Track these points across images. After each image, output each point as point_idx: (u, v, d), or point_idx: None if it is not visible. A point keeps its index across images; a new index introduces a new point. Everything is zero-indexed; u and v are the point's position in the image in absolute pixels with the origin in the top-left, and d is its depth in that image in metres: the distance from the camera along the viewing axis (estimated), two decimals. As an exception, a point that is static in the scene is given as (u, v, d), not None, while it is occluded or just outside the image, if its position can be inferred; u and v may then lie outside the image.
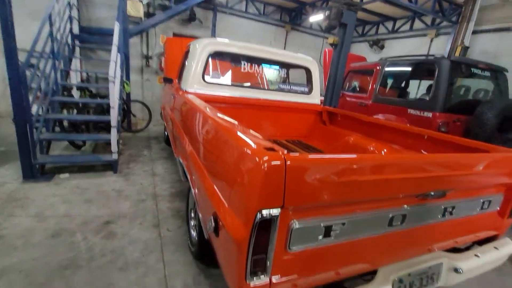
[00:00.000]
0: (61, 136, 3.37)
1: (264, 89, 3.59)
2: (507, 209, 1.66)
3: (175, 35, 6.47)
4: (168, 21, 6.02)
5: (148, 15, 5.51)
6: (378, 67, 4.41)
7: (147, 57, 6.27)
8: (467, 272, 1.42)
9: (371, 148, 2.60)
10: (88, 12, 5.62)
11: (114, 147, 3.24)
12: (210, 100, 2.84)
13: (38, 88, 3.26)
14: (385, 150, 2.52)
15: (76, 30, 5.02)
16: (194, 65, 2.81)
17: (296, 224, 0.94)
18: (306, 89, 3.49)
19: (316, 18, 6.42)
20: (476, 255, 1.50)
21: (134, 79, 6.07)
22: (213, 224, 1.11)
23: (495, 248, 1.60)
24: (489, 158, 1.47)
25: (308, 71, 3.43)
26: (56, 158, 3.16)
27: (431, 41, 6.22)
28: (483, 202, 1.52)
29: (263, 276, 0.91)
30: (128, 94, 5.20)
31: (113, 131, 3.20)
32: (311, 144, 3.30)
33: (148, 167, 3.72)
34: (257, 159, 0.88)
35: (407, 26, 6.83)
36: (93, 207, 2.55)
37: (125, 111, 5.12)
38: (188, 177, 1.94)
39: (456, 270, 1.40)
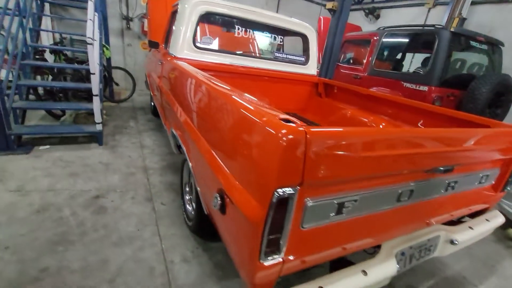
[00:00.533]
0: (37, 104, 3.08)
1: (258, 57, 3.39)
2: (501, 183, 1.70)
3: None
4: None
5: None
6: (375, 38, 4.24)
7: (127, 19, 5.70)
8: (461, 243, 1.47)
9: (369, 122, 2.56)
10: (56, -39, 4.90)
11: (97, 117, 3.02)
12: (201, 67, 2.64)
13: (5, 50, 2.89)
14: (383, 124, 2.49)
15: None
16: (184, 28, 2.55)
17: (310, 202, 0.89)
18: (303, 59, 3.32)
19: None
20: (470, 227, 1.55)
21: (114, 43, 5.57)
22: (219, 201, 1.03)
23: (487, 220, 1.66)
24: (494, 133, 1.46)
25: (305, 39, 3.24)
26: (33, 129, 2.92)
27: (429, 11, 6.02)
28: (482, 177, 1.54)
29: (276, 255, 0.87)
30: (109, 60, 4.79)
31: (96, 100, 2.95)
32: (307, 117, 3.22)
33: (136, 139, 3.54)
34: (274, 132, 0.78)
35: (404, -6, 6.55)
36: (80, 181, 2.42)
37: (107, 79, 4.74)
38: (184, 149, 1.83)
39: (452, 242, 1.44)
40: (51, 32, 4.45)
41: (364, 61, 4.40)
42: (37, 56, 3.79)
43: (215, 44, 2.85)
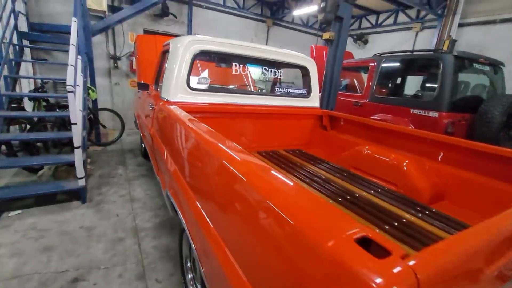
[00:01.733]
0: (8, 162, 2.68)
1: (257, 93, 3.16)
2: None
3: (146, 32, 5.78)
4: (137, 17, 5.32)
5: (113, 9, 4.79)
6: (373, 64, 4.14)
7: (115, 58, 5.52)
8: None
9: (391, 161, 2.28)
10: (39, 6, 4.76)
11: (80, 171, 2.64)
12: (197, 110, 2.36)
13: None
14: (406, 162, 2.21)
15: (24, 27, 4.19)
16: (177, 69, 2.30)
17: None
18: (305, 92, 3.11)
19: (301, 12, 6.05)
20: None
21: (101, 83, 5.32)
22: None
23: None
24: None
25: (306, 71, 3.05)
26: (2, 192, 2.49)
27: (416, 34, 6.12)
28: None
29: None
30: (95, 102, 4.50)
31: (78, 153, 2.59)
32: (313, 153, 2.93)
33: (125, 191, 3.14)
34: (355, 276, 0.45)
35: (391, 20, 6.70)
36: (55, 258, 1.98)
37: (92, 122, 4.41)
38: (182, 219, 1.46)
39: None
40: (29, 78, 4.16)
41: (363, 87, 4.26)
42: (13, 105, 3.45)
43: (211, 83, 2.60)
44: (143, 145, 4.32)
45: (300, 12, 6.10)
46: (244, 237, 0.84)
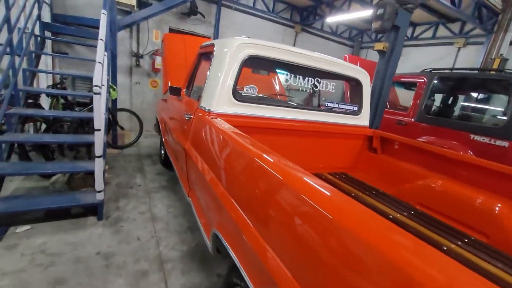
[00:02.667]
0: (20, 168, 2.35)
1: (303, 107, 2.79)
2: None
3: (171, 30, 5.49)
4: (164, 14, 5.05)
5: (140, 4, 4.51)
6: (422, 80, 3.74)
7: (137, 56, 5.24)
8: None
9: (477, 202, 1.87)
10: (63, -4, 4.52)
11: (99, 184, 2.30)
12: (241, 124, 2.00)
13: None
14: (499, 206, 1.80)
15: (47, 18, 3.94)
16: (223, 77, 1.96)
17: None
18: (355, 108, 2.73)
19: (335, 19, 5.70)
20: None
21: (121, 81, 5.04)
22: None
23: None
24: None
25: (358, 85, 2.68)
26: (10, 204, 2.16)
27: (458, 50, 5.70)
28: None
29: None
30: (114, 101, 4.20)
31: (98, 163, 2.25)
32: (360, 178, 2.54)
33: (145, 206, 2.79)
34: None
35: (429, 33, 6.29)
36: (67, 296, 1.62)
37: (111, 123, 4.10)
38: (240, 267, 1.11)
39: None
40: (50, 73, 3.88)
41: (410, 105, 3.85)
42: (29, 101, 3.15)
43: (257, 94, 2.24)
44: (162, 151, 3.99)
45: (334, 19, 5.75)
46: None
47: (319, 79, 2.45)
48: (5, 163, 2.35)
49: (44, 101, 3.64)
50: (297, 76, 2.32)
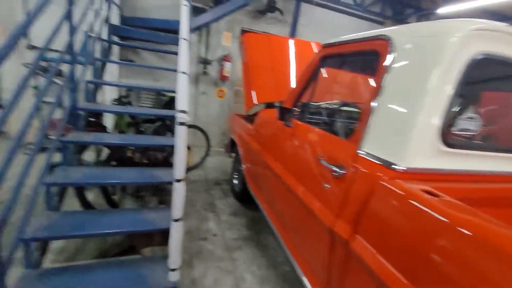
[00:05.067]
0: (64, 228, 1.64)
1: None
2: None
3: (243, 31, 4.74)
4: (236, 13, 4.30)
5: (216, 1, 3.81)
6: None
7: (205, 62, 4.60)
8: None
9: None
10: (133, -3, 4.08)
11: (174, 260, 1.48)
12: (466, 194, 0.97)
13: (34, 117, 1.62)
14: None
15: (115, 20, 3.45)
16: (425, 98, 0.96)
17: None
18: None
19: (455, 8, 4.31)
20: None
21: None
22: None
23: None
24: None
25: None
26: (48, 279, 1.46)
27: None
28: None
29: None
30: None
31: (176, 229, 1.43)
32: None
33: (229, 278, 1.91)
34: None
35: None
36: None
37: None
38: None
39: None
40: (118, 86, 3.36)
41: None
42: (91, 119, 2.58)
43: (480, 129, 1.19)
44: (236, 181, 3.17)
45: (451, 9, 4.37)
46: None
47: None
48: (50, 212, 1.68)
49: (108, 117, 3.10)
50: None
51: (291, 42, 3.25)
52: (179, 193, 1.41)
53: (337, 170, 1.15)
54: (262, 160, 2.14)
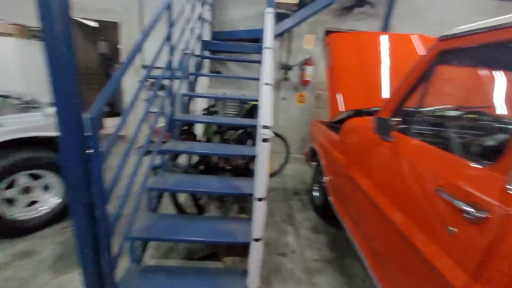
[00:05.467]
0: (156, 231, 1.82)
1: None
2: None
3: (327, 33, 4.45)
4: (319, 14, 4.05)
5: (301, 4, 3.70)
6: None
7: (286, 68, 4.54)
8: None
9: None
10: (222, 13, 4.39)
11: (253, 280, 1.42)
12: None
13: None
14: None
15: (207, 36, 3.78)
16: None
17: None
18: None
19: None
20: None
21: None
22: None
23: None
24: None
25: None
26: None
27: None
28: None
29: None
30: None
31: (256, 250, 1.36)
32: None
33: (310, 307, 1.74)
34: None
35: None
36: None
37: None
38: None
39: None
40: (205, 97, 3.66)
41: None
42: (184, 127, 2.86)
43: None
44: (317, 193, 2.95)
45: None
46: None
47: None
48: (149, 215, 1.90)
49: (198, 125, 3.40)
50: None
51: (384, 38, 2.80)
52: (259, 211, 1.35)
53: (472, 211, 0.83)
54: (349, 176, 1.88)
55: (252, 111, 3.50)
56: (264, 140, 1.25)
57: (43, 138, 2.18)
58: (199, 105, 3.88)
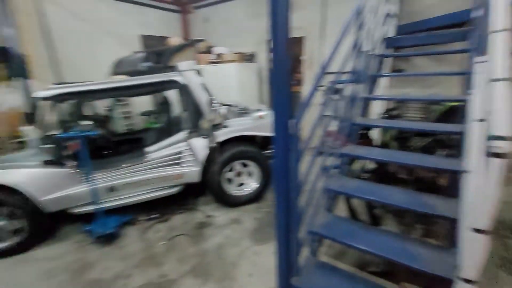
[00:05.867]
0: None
1: None
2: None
3: None
4: None
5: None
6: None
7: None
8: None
9: None
10: (410, 3, 3.82)
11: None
12: None
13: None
14: None
15: (391, 33, 3.43)
16: None
17: None
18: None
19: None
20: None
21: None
22: None
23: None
24: None
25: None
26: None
27: None
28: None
29: None
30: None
31: None
32: None
33: None
34: None
35: None
36: None
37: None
38: None
39: None
40: (387, 99, 3.32)
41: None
42: (362, 131, 2.76)
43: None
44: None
45: None
46: None
47: None
48: (326, 216, 1.98)
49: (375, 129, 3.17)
50: None
51: None
52: (474, 247, 1.05)
53: None
54: None
55: (448, 114, 2.82)
56: (495, 154, 0.94)
57: (250, 136, 2.92)
58: (376, 107, 3.61)
